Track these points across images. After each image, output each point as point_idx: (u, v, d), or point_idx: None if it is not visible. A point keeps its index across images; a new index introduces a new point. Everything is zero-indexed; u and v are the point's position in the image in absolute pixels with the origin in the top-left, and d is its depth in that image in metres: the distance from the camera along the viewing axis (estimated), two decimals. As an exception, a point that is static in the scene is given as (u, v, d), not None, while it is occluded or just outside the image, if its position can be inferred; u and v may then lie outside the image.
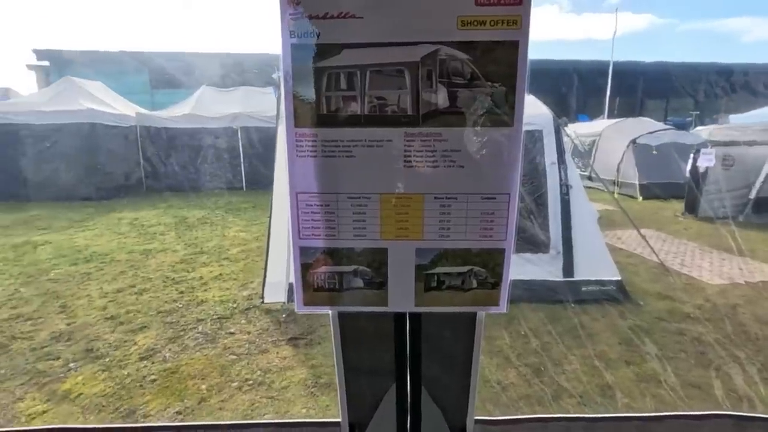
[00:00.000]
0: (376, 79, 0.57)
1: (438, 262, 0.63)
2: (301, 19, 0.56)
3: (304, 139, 0.59)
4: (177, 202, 9.61)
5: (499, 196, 0.60)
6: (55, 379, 3.02)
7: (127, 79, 19.05)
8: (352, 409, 0.70)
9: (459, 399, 0.70)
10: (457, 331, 0.68)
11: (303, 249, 0.63)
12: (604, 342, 3.43)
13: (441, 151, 0.58)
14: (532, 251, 4.08)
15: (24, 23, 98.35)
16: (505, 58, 0.55)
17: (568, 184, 4.08)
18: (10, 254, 5.85)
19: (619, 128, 11.49)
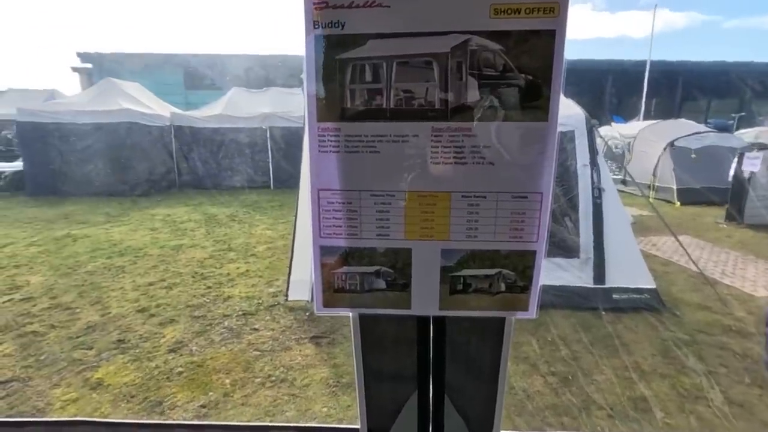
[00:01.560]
0: (402, 71, 0.54)
1: (464, 263, 0.60)
2: (326, 9, 0.54)
3: (326, 134, 0.57)
4: (207, 200, 9.87)
5: (531, 195, 0.56)
6: (88, 367, 3.14)
7: (163, 80, 19.74)
8: (372, 415, 0.68)
9: (484, 409, 0.66)
10: (484, 337, 0.64)
11: (323, 248, 0.61)
12: (638, 353, 3.28)
13: (470, 146, 0.55)
14: (561, 256, 3.96)
15: (69, 28, 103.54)
16: (540, 48, 0.52)
17: (600, 187, 3.93)
18: (52, 246, 6.14)
19: (656, 130, 11.03)
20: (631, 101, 23.13)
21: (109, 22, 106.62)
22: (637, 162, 10.82)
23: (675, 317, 3.85)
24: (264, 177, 11.52)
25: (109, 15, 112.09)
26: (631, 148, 11.15)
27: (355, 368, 0.67)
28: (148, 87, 12.70)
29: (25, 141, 10.13)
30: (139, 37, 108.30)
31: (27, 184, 10.23)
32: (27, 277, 4.96)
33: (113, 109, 9.90)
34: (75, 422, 0.70)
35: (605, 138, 12.04)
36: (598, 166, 3.99)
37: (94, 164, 9.95)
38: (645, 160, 10.51)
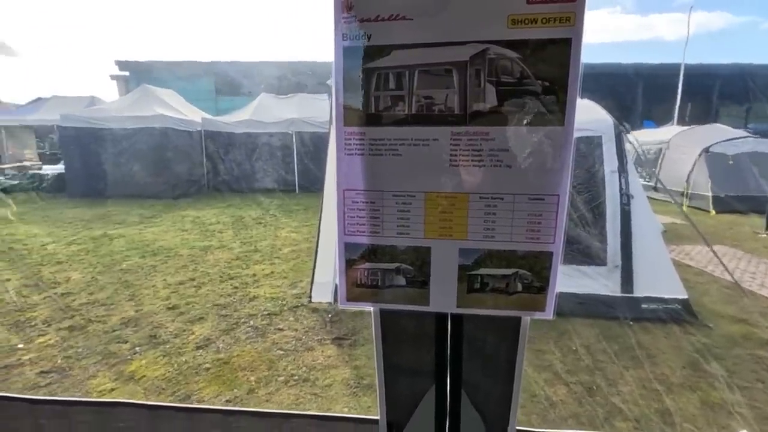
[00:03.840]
0: (424, 79, 0.58)
1: (482, 263, 0.62)
2: (354, 22, 0.58)
3: (352, 138, 0.61)
4: (235, 202, 10.14)
5: (547, 198, 0.58)
6: (122, 360, 3.28)
7: (195, 87, 20.44)
8: (391, 407, 0.71)
9: (500, 406, 0.68)
10: (500, 335, 0.66)
11: (348, 245, 0.65)
12: (666, 364, 3.18)
13: (488, 150, 0.58)
14: (587, 263, 3.88)
15: (108, 38, 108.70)
16: (556, 56, 0.54)
17: (629, 193, 3.84)
18: (90, 245, 6.45)
19: (690, 136, 10.64)
20: (664, 106, 22.39)
21: (146, 32, 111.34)
22: (669, 169, 10.47)
23: (707, 329, 3.70)
24: (290, 180, 11.74)
25: (146, 25, 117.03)
26: (664, 155, 10.80)
27: (375, 361, 0.70)
28: (181, 93, 13.20)
29: (66, 145, 10.69)
30: (174, 46, 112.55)
31: (68, 185, 10.78)
32: (67, 273, 5.23)
33: (148, 114, 10.33)
34: (116, 403, 0.76)
35: (636, 144, 11.71)
36: (626, 173, 3.90)
37: (130, 167, 10.40)
38: (678, 167, 10.16)
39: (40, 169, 12.68)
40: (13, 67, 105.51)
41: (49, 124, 12.99)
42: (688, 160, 9.94)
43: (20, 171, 12.44)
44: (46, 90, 72.54)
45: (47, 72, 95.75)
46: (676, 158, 10.38)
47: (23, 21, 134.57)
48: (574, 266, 3.93)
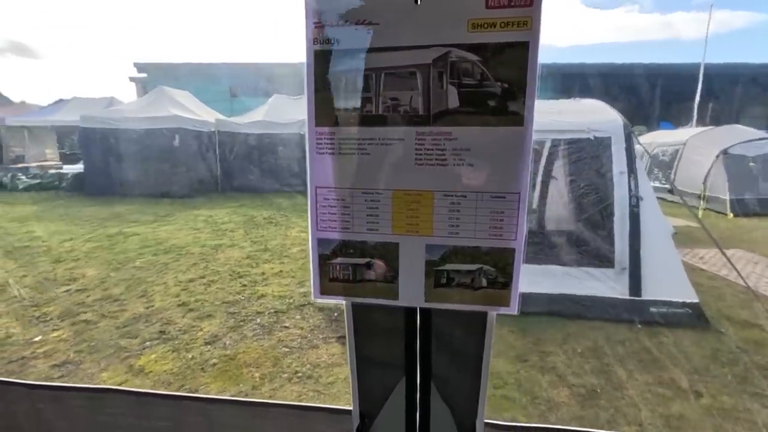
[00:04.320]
0: (390, 81, 0.60)
1: (447, 258, 0.64)
2: (324, 27, 0.61)
3: (323, 137, 0.64)
4: (247, 202, 10.28)
5: (508, 195, 0.60)
6: (132, 355, 3.37)
7: (210, 88, 20.76)
8: (363, 398, 0.73)
9: (468, 399, 0.70)
10: (468, 330, 0.68)
11: (320, 240, 0.68)
12: (675, 369, 3.13)
13: (451, 149, 0.60)
14: (594, 265, 3.84)
15: (129, 41, 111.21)
16: (515, 59, 0.56)
17: (638, 195, 3.79)
18: (105, 243, 6.62)
19: (708, 137, 10.41)
20: (683, 107, 21.93)
21: (165, 35, 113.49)
22: (686, 170, 10.26)
23: (719, 334, 3.63)
24: (300, 180, 11.85)
25: (165, 28, 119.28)
26: (680, 156, 10.58)
27: (348, 354, 0.73)
28: (196, 95, 13.43)
29: (85, 145, 10.98)
30: (190, 48, 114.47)
31: (86, 184, 11.07)
32: (83, 270, 5.38)
33: (163, 115, 10.54)
34: (107, 390, 0.80)
35: (651, 145, 11.50)
36: (635, 174, 3.85)
37: (146, 167, 10.63)
38: (695, 169, 9.94)
39: (61, 169, 13.05)
40: (37, 69, 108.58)
41: (70, 124, 13.34)
42: (705, 161, 9.72)
43: (42, 170, 12.82)
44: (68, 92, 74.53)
45: (69, 74, 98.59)
46: (693, 160, 10.16)
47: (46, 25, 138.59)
48: (582, 268, 3.89)
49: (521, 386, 2.89)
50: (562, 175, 4.50)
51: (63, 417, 0.81)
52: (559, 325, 3.70)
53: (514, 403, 2.72)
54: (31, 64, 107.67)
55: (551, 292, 3.84)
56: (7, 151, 15.55)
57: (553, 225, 4.52)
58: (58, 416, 0.81)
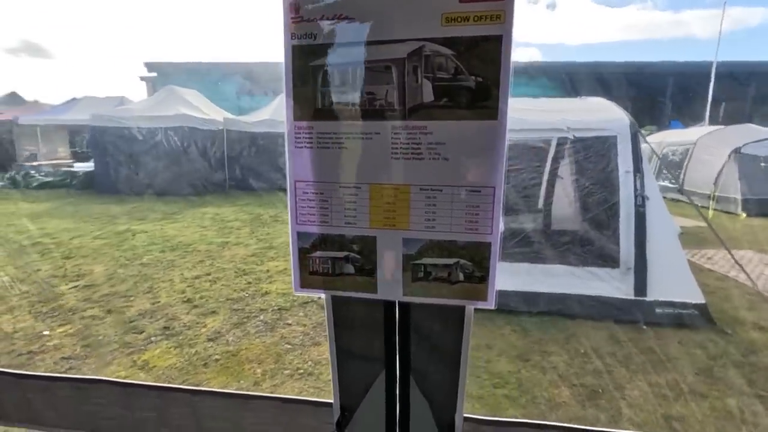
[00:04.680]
0: (366, 75, 0.60)
1: (424, 252, 0.64)
2: (301, 22, 0.61)
3: (301, 132, 0.64)
4: (254, 200, 10.35)
5: (483, 189, 0.60)
6: (137, 350, 3.42)
7: (218, 87, 20.92)
8: (344, 391, 0.74)
9: (447, 394, 0.70)
10: (446, 324, 0.68)
11: (300, 234, 0.68)
12: (678, 370, 3.09)
13: (426, 143, 0.60)
14: (598, 265, 3.81)
15: (140, 41, 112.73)
16: (488, 53, 0.56)
17: (644, 195, 3.75)
18: (114, 240, 6.71)
19: (719, 136, 10.25)
20: (694, 106, 21.62)
21: (174, 35, 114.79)
22: (696, 170, 10.12)
23: (725, 335, 3.58)
24: (308, 180, 11.88)
25: (174, 28, 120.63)
26: (691, 156, 10.44)
27: (329, 347, 0.73)
28: (204, 94, 13.54)
29: (96, 143, 11.14)
30: (200, 48, 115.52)
31: (96, 182, 11.23)
32: (92, 266, 5.46)
33: (172, 114, 10.65)
34: (94, 380, 0.82)
35: (661, 144, 11.36)
36: (642, 173, 3.81)
37: (154, 165, 10.75)
38: (706, 169, 9.80)
39: (72, 167, 13.24)
40: (50, 69, 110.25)
41: (81, 123, 13.53)
42: (716, 161, 9.58)
43: (54, 168, 13.02)
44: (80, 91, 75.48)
45: (82, 74, 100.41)
46: (704, 159, 10.02)
47: (60, 25, 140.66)
48: (586, 268, 3.86)
49: (522, 386, 2.88)
50: (567, 175, 4.47)
51: (51, 407, 0.83)
52: (561, 325, 3.68)
53: (514, 402, 2.71)
54: (45, 64, 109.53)
55: (554, 291, 3.82)
56: (20, 149, 15.82)
57: (558, 224, 4.49)
58: (47, 406, 0.83)
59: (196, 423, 0.78)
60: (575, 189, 4.41)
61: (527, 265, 3.95)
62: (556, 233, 4.36)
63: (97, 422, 0.82)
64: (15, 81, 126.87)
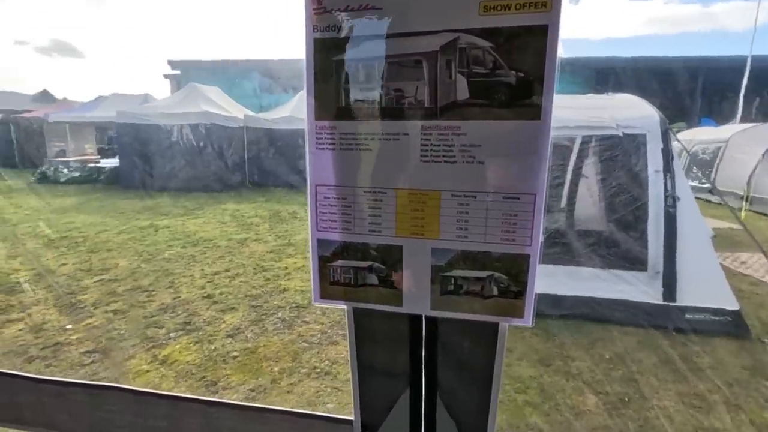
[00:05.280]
0: (393, 71, 0.55)
1: (455, 264, 0.59)
2: (324, 13, 0.56)
3: (323, 132, 0.60)
4: (273, 197, 10.43)
5: (523, 197, 0.54)
6: (158, 344, 3.46)
7: (240, 85, 21.18)
8: (366, 409, 0.69)
9: (477, 416, 0.65)
10: (477, 341, 0.63)
11: (320, 241, 0.64)
12: (710, 380, 2.95)
13: (459, 145, 0.55)
14: (625, 268, 3.67)
15: (164, 39, 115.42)
16: (531, 44, 0.50)
17: (674, 195, 3.59)
18: (137, 235, 6.85)
19: (753, 134, 9.81)
20: (726, 102, 20.79)
21: (197, 33, 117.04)
22: (728, 169, 9.71)
23: (761, 344, 3.40)
24: (326, 176, 11.91)
25: (198, 27, 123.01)
26: (722, 154, 10.02)
27: (350, 361, 0.69)
28: (226, 91, 13.71)
29: (121, 140, 11.41)
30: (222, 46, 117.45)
31: (121, 178, 11.51)
32: (116, 260, 5.59)
33: (194, 111, 10.81)
34: (107, 387, 0.79)
35: (691, 142, 10.95)
36: (672, 173, 3.65)
37: (177, 161, 10.94)
38: (738, 168, 9.40)
39: (98, 163, 13.61)
40: (80, 67, 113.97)
41: (108, 120, 13.88)
42: (749, 160, 9.18)
43: (81, 164, 13.41)
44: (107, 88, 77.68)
45: (110, 72, 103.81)
46: (737, 158, 9.61)
47: (90, 25, 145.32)
48: (612, 271, 3.73)
49: (544, 391, 2.80)
50: (592, 174, 4.32)
51: (65, 411, 0.81)
52: (585, 329, 3.56)
53: (536, 410, 2.63)
54: (75, 63, 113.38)
55: (578, 294, 3.70)
56: (50, 145, 16.35)
57: (582, 225, 4.35)
58: (61, 410, 0.81)
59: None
60: (601, 188, 4.26)
61: (549, 267, 3.84)
62: (580, 234, 4.23)
63: (110, 429, 0.80)
64: (46, 79, 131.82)
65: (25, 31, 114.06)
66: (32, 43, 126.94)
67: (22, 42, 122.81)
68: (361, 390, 0.69)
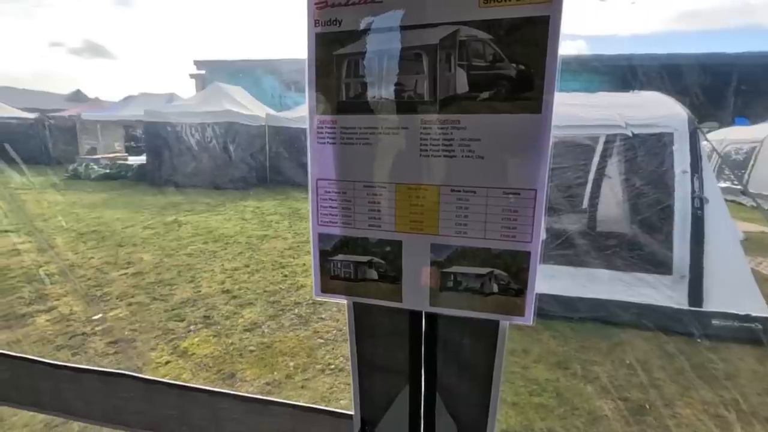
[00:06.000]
0: (394, 65, 0.55)
1: (455, 260, 0.58)
2: (326, 8, 0.57)
3: (324, 126, 0.60)
4: (293, 195, 10.55)
5: (523, 192, 0.53)
6: (178, 337, 3.55)
7: (262, 84, 21.49)
8: (365, 404, 0.69)
9: (477, 415, 0.64)
10: (477, 339, 0.62)
11: (321, 236, 0.64)
12: (738, 389, 2.83)
13: (459, 139, 0.54)
14: (648, 271, 3.56)
15: (189, 39, 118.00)
16: (532, 37, 0.49)
17: (702, 196, 3.46)
18: (161, 230, 7.04)
19: (792, 133, 9.35)
20: (762, 101, 19.89)
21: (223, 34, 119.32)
22: (763, 171, 9.29)
23: (794, 354, 3.24)
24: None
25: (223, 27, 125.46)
26: (757, 155, 9.60)
27: (350, 356, 0.69)
28: (249, 90, 13.93)
29: (148, 138, 11.74)
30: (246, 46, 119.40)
31: (148, 175, 11.84)
32: (141, 254, 5.75)
33: (217, 110, 11.03)
34: (119, 374, 0.82)
35: (723, 142, 10.52)
36: (700, 173, 3.51)
37: (200, 159, 11.19)
38: (774, 169, 8.99)
39: (126, 160, 14.05)
40: (111, 68, 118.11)
41: (135, 119, 14.31)
42: (787, 161, 8.76)
43: (111, 161, 13.87)
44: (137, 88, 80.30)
45: (139, 72, 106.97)
46: (773, 159, 9.19)
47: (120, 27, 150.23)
48: (634, 273, 3.63)
49: (560, 395, 2.74)
50: (616, 174, 4.21)
51: (80, 397, 0.84)
52: (605, 333, 3.47)
53: (551, 413, 2.58)
54: (106, 63, 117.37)
55: (598, 297, 3.61)
56: (82, 143, 16.98)
57: (604, 226, 4.25)
58: (77, 396, 0.84)
59: (216, 425, 0.76)
60: (624, 189, 4.14)
61: (570, 269, 3.76)
62: (602, 235, 4.12)
63: (123, 416, 0.82)
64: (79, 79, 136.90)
65: (59, 33, 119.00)
66: (66, 45, 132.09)
67: (56, 44, 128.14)
68: (360, 385, 0.69)
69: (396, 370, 0.67)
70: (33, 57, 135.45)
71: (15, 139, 15.61)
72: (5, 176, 12.37)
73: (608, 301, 3.58)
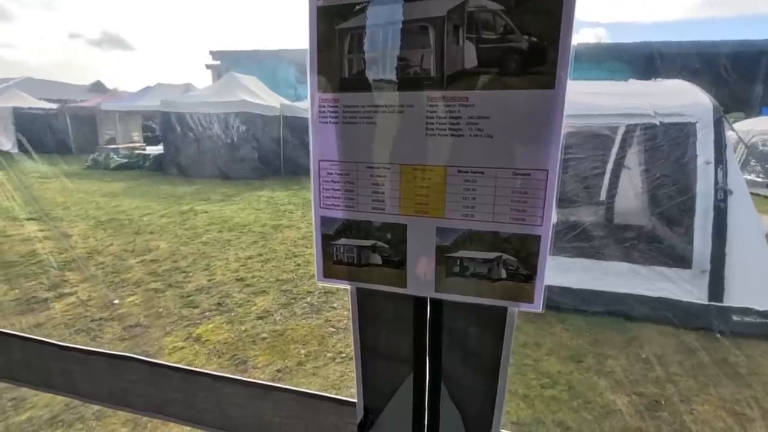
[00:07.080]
0: (398, 39, 0.52)
1: (461, 244, 0.56)
2: (328, -21, 0.54)
3: (326, 105, 0.58)
4: (307, 185, 10.55)
5: (534, 173, 0.50)
6: (192, 323, 3.61)
7: (278, 74, 21.54)
8: (369, 392, 0.68)
9: (483, 406, 0.62)
10: (484, 327, 0.60)
11: (323, 219, 0.62)
12: (760, 386, 2.75)
13: (467, 117, 0.51)
14: (667, 265, 3.47)
15: (207, 30, 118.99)
16: (545, 6, 0.46)
17: (726, 188, 3.34)
18: (178, 219, 7.15)
19: (824, 124, 8.97)
20: (793, 89, 19.09)
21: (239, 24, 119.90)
22: (792, 162, 8.95)
23: (820, 352, 3.13)
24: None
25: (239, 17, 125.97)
26: (786, 146, 9.24)
27: (353, 343, 0.67)
28: (264, 80, 13.96)
29: (165, 128, 11.90)
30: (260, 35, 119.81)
31: (164, 164, 12.02)
32: (157, 242, 5.86)
33: (233, 100, 11.09)
34: (126, 357, 0.82)
35: (750, 133, 10.15)
36: (725, 164, 3.39)
37: (216, 149, 11.30)
38: (804, 161, 8.64)
39: (144, 150, 14.28)
40: (130, 59, 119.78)
41: (153, 109, 14.50)
42: (817, 152, 8.41)
43: (129, 151, 14.12)
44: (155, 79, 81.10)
45: (157, 63, 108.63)
46: (802, 151, 8.84)
47: (139, 18, 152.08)
48: (653, 267, 3.54)
49: (573, 388, 2.71)
50: (635, 164, 4.10)
51: (88, 379, 0.85)
52: (621, 327, 3.41)
53: (563, 406, 2.55)
54: (125, 55, 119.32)
55: (615, 290, 3.54)
56: (101, 133, 17.31)
57: (622, 218, 4.15)
58: (84, 378, 0.85)
59: (219, 408, 0.76)
60: (643, 180, 4.03)
61: (585, 261, 3.69)
62: (620, 228, 4.03)
63: (129, 398, 0.83)
64: (99, 70, 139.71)
65: (78, 24, 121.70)
66: (85, 36, 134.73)
67: (75, 35, 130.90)
68: (364, 373, 0.68)
69: (400, 357, 0.65)
70: (54, 48, 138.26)
71: (38, 128, 16.01)
72: (28, 165, 12.71)
73: (625, 294, 3.50)
